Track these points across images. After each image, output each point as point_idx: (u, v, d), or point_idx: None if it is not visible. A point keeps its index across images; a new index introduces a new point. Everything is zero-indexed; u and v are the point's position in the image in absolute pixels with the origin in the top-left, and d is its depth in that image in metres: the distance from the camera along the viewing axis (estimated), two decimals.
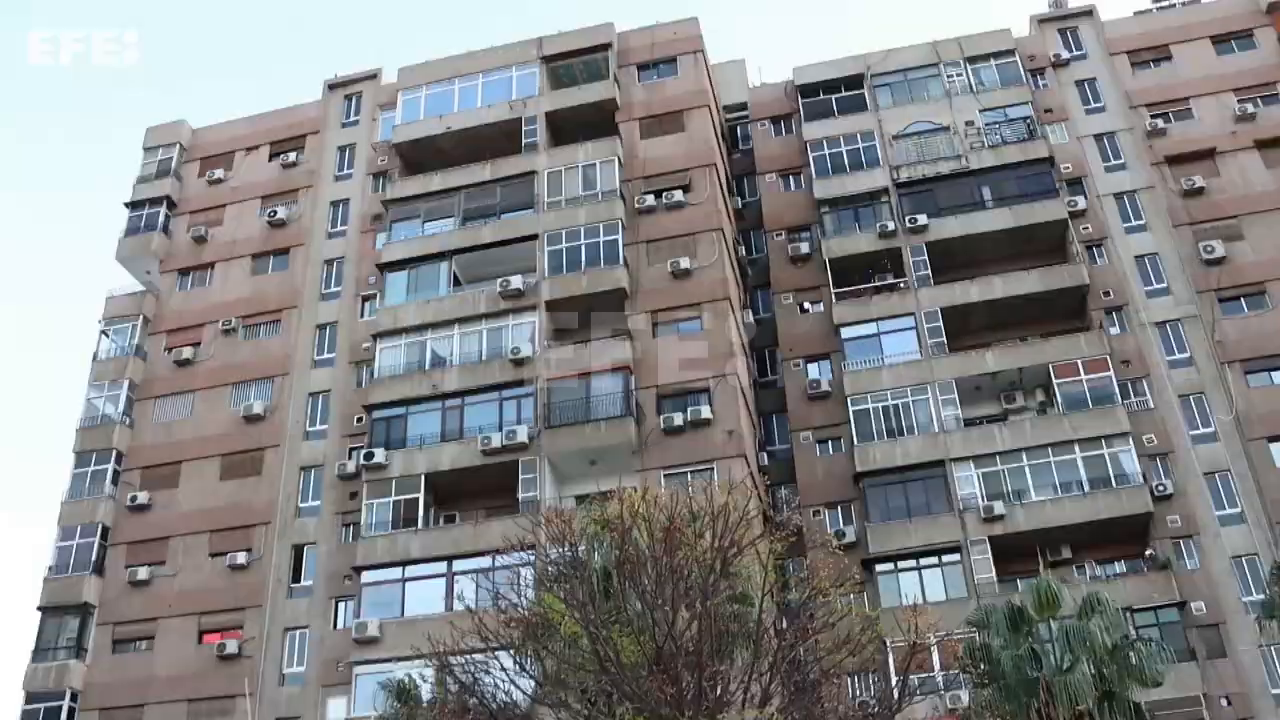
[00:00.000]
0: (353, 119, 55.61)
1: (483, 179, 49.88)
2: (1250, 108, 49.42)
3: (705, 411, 42.60)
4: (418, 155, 52.02)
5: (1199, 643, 39.58)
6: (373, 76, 56.54)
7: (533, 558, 29.40)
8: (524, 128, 50.97)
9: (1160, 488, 41.94)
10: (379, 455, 43.64)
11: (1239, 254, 46.27)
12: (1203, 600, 40.26)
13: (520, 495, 41.77)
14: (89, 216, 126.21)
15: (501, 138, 50.93)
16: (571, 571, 26.53)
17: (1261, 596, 35.69)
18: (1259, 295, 45.53)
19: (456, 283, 48.00)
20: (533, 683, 26.18)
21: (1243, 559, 40.95)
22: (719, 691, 24.20)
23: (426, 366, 45.83)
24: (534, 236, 47.60)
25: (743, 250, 51.60)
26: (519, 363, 44.47)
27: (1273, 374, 44.10)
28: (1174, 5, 55.15)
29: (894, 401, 45.02)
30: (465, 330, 46.33)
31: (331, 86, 56.80)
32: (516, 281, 45.99)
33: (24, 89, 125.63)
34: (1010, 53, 52.78)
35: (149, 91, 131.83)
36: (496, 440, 42.84)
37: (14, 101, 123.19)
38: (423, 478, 43.42)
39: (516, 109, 51.52)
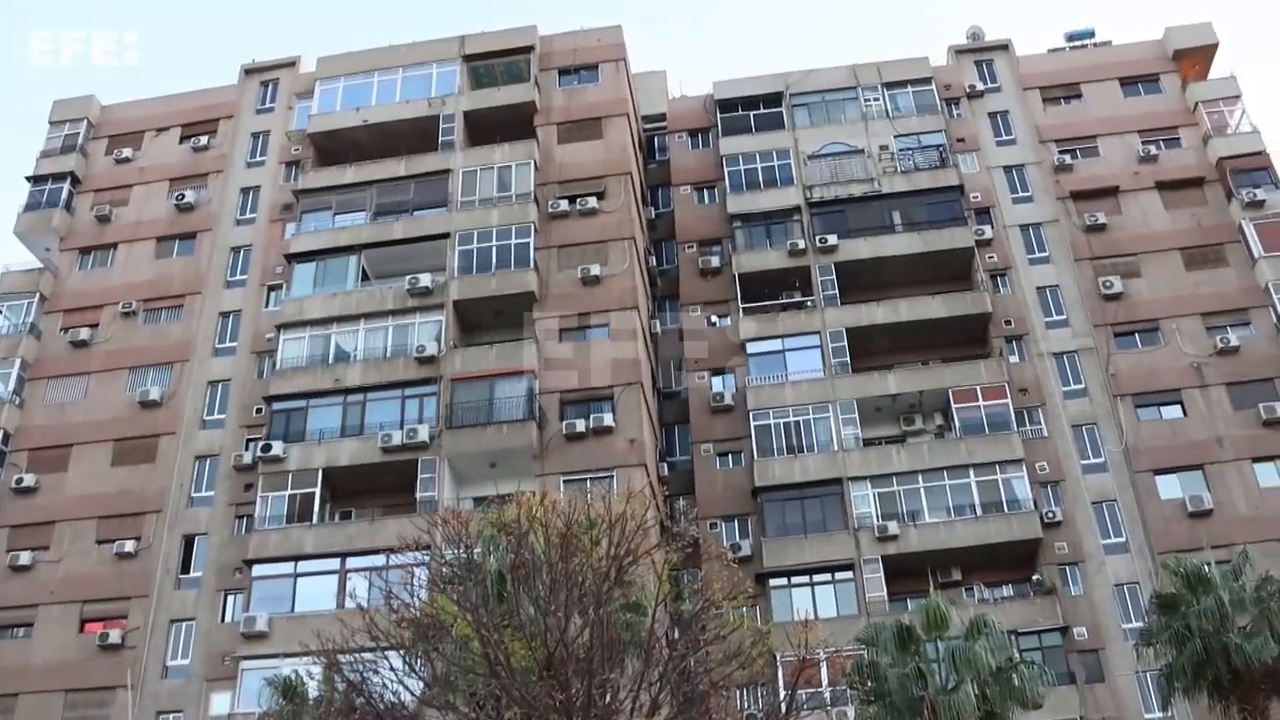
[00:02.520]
0: (268, 106, 54.92)
1: (397, 175, 49.57)
2: (1153, 149, 50.82)
3: (608, 419, 42.72)
4: (332, 147, 51.52)
5: (1079, 667, 40.54)
6: (291, 64, 55.87)
7: (428, 558, 29.20)
8: (441, 125, 50.78)
9: (1050, 514, 42.90)
10: (277, 448, 43.10)
11: (1136, 291, 47.55)
12: (1085, 626, 41.24)
13: (418, 494, 41.58)
14: None
15: (418, 134, 50.64)
16: (466, 574, 26.39)
17: (1140, 624, 36.73)
18: (1153, 331, 46.81)
19: (365, 277, 47.62)
20: (421, 684, 25.99)
21: (1125, 587, 42.02)
22: (608, 699, 24.23)
23: (330, 360, 45.43)
24: (445, 235, 47.44)
25: (653, 260, 51.82)
26: (424, 361, 44.24)
27: (1162, 409, 45.34)
28: (1086, 46, 56.55)
29: (795, 418, 45.49)
30: (371, 326, 45.99)
31: (248, 72, 56.03)
32: (425, 279, 45.74)
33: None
34: (927, 81, 53.73)
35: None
36: (397, 438, 42.55)
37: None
38: (320, 472, 42.96)
39: (435, 106, 51.28)
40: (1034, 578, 42.53)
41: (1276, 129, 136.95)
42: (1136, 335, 46.99)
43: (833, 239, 48.88)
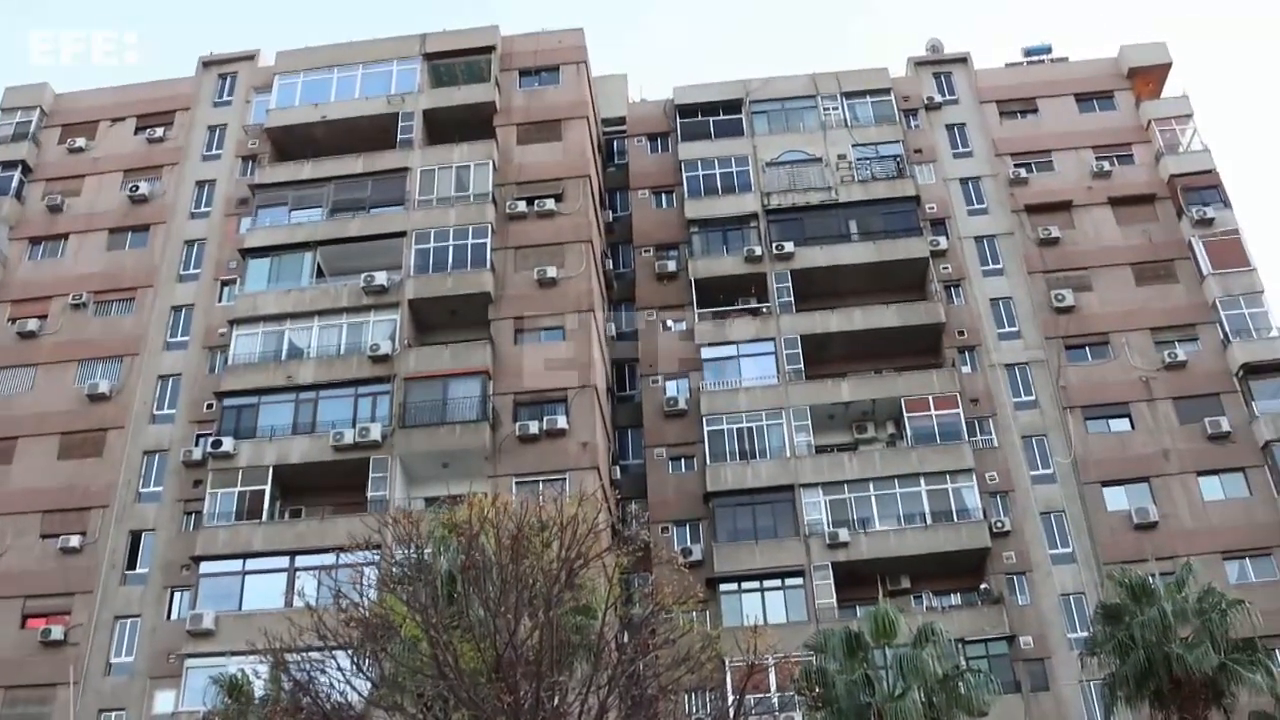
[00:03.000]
0: (225, 99, 54.45)
1: (354, 171, 49.31)
2: (1107, 165, 51.44)
3: (561, 421, 42.69)
4: (290, 142, 51.22)
5: (1025, 675, 40.91)
6: (250, 58, 55.45)
7: (378, 557, 29.09)
8: (400, 123, 50.61)
9: (999, 524, 43.29)
10: (227, 444, 42.73)
11: (1087, 304, 48.09)
12: (1031, 635, 41.64)
13: (370, 494, 41.34)
14: None
15: (377, 132, 50.42)
16: (416, 574, 26.33)
17: (1085, 634, 37.16)
18: (1103, 345, 47.36)
19: (320, 274, 47.32)
20: (369, 684, 25.89)
21: (1071, 597, 42.46)
22: (556, 702, 24.23)
23: (283, 357, 45.07)
24: (402, 234, 47.25)
25: (610, 264, 51.85)
26: (378, 360, 44.03)
27: (1110, 421, 45.88)
28: (1043, 61, 57.17)
29: (749, 424, 45.66)
30: (325, 323, 45.71)
31: (206, 64, 55.53)
32: (381, 278, 45.53)
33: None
34: (886, 91, 54.11)
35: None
36: (349, 436, 42.33)
37: None
38: (270, 469, 42.63)
39: (394, 104, 51.11)
40: (982, 587, 42.90)
41: (1227, 149, 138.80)
42: (1087, 348, 47.54)
43: (789, 246, 49.11)
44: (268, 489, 42.28)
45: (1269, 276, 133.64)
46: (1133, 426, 45.58)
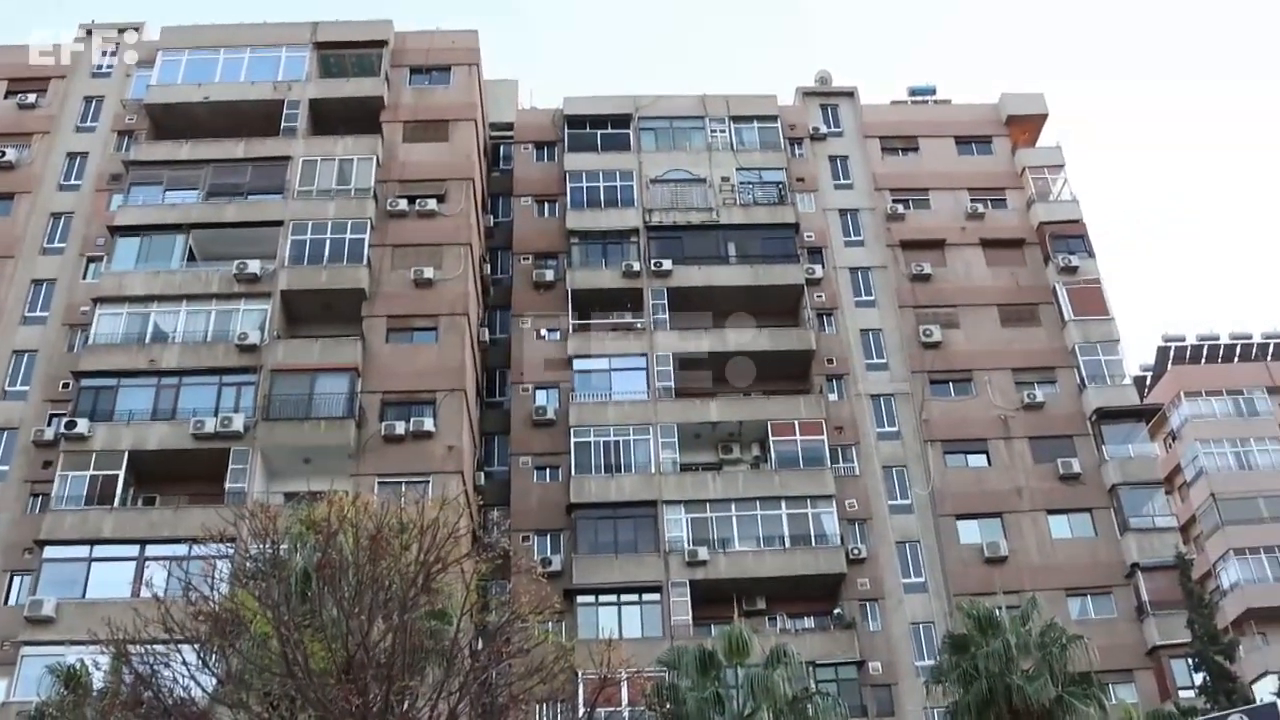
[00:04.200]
0: (105, 70, 52.86)
1: (235, 156, 48.42)
2: (981, 208, 52.89)
3: (429, 423, 42.39)
4: (169, 120, 50.04)
5: (872, 700, 41.80)
6: (134, 30, 53.72)
7: (232, 551, 28.49)
8: (285, 111, 49.82)
9: (855, 551, 44.12)
10: (81, 425, 41.46)
11: (953, 341, 49.32)
12: (880, 661, 42.53)
13: (228, 485, 40.50)
14: None
15: (261, 118, 49.55)
16: (270, 570, 25.81)
17: (932, 662, 37.90)
18: (966, 382, 48.61)
19: (191, 258, 46.30)
20: (214, 680, 25.33)
21: (920, 626, 43.53)
22: (406, 706, 23.97)
23: (147, 340, 43.96)
24: (279, 223, 46.49)
25: (488, 269, 51.63)
26: (245, 349, 43.22)
27: (968, 456, 47.19)
28: (927, 102, 58.55)
29: (616, 438, 45.84)
30: (193, 308, 44.69)
31: (87, 31, 53.77)
32: (254, 266, 44.73)
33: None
34: (773, 118, 54.85)
35: None
36: (211, 425, 41.43)
37: None
38: (126, 454, 41.50)
39: (280, 91, 50.30)
40: (835, 611, 43.65)
41: (1094, 201, 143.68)
42: (950, 384, 48.77)
43: (667, 264, 49.46)
44: (121, 474, 41.12)
45: (1124, 326, 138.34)
46: (989, 463, 46.91)
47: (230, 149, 48.55)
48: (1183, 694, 41.54)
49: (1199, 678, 40.63)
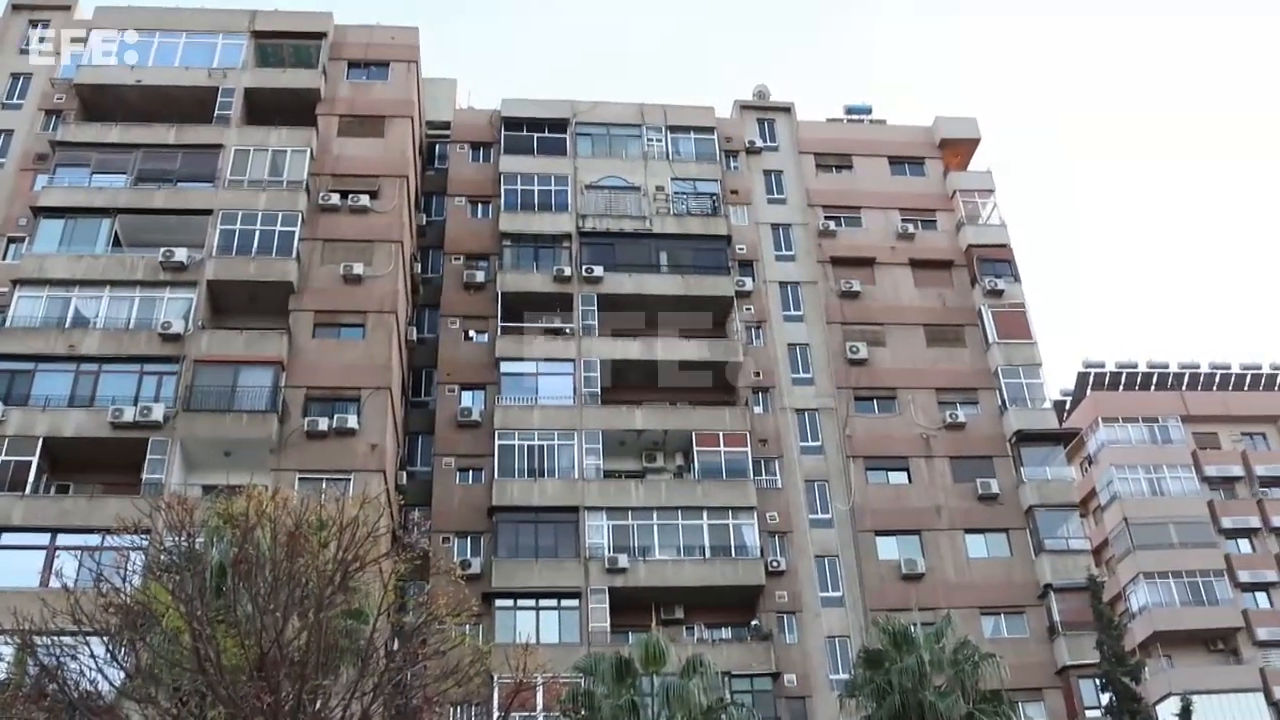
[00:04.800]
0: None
1: (166, 141, 47.66)
2: (911, 228, 53.56)
3: (353, 421, 41.97)
4: (100, 101, 49.20)
5: (786, 713, 42.10)
6: (65, 8, 52.86)
7: (146, 543, 28.05)
8: (219, 99, 49.14)
9: (775, 563, 44.42)
10: None
11: (879, 359, 49.84)
12: (795, 674, 42.84)
13: (145, 476, 39.68)
14: None
15: (194, 104, 48.88)
16: (185, 563, 25.46)
17: (847, 676, 38.28)
18: (890, 400, 49.15)
19: (117, 243, 45.44)
20: (122, 674, 24.92)
21: (836, 639, 43.97)
22: (318, 706, 23.76)
23: (67, 325, 43.04)
24: (208, 212, 45.78)
25: (418, 267, 51.29)
26: (168, 338, 42.52)
27: (889, 474, 47.74)
28: (862, 121, 59.22)
29: (540, 442, 45.77)
30: (116, 295, 43.86)
31: (15, 7, 52.75)
32: (181, 254, 44.05)
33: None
34: (710, 130, 55.12)
35: None
36: (130, 414, 40.66)
37: None
38: (40, 440, 40.47)
39: (215, 78, 49.66)
40: (753, 623, 43.89)
41: (1021, 227, 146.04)
42: (875, 401, 49.28)
43: (599, 270, 49.50)
44: (35, 460, 40.11)
45: (1046, 350, 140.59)
46: (910, 480, 47.46)
47: (161, 134, 47.80)
48: (1090, 714, 42.45)
49: (1105, 698, 41.36)
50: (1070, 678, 43.73)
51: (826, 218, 53.73)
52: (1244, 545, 68.14)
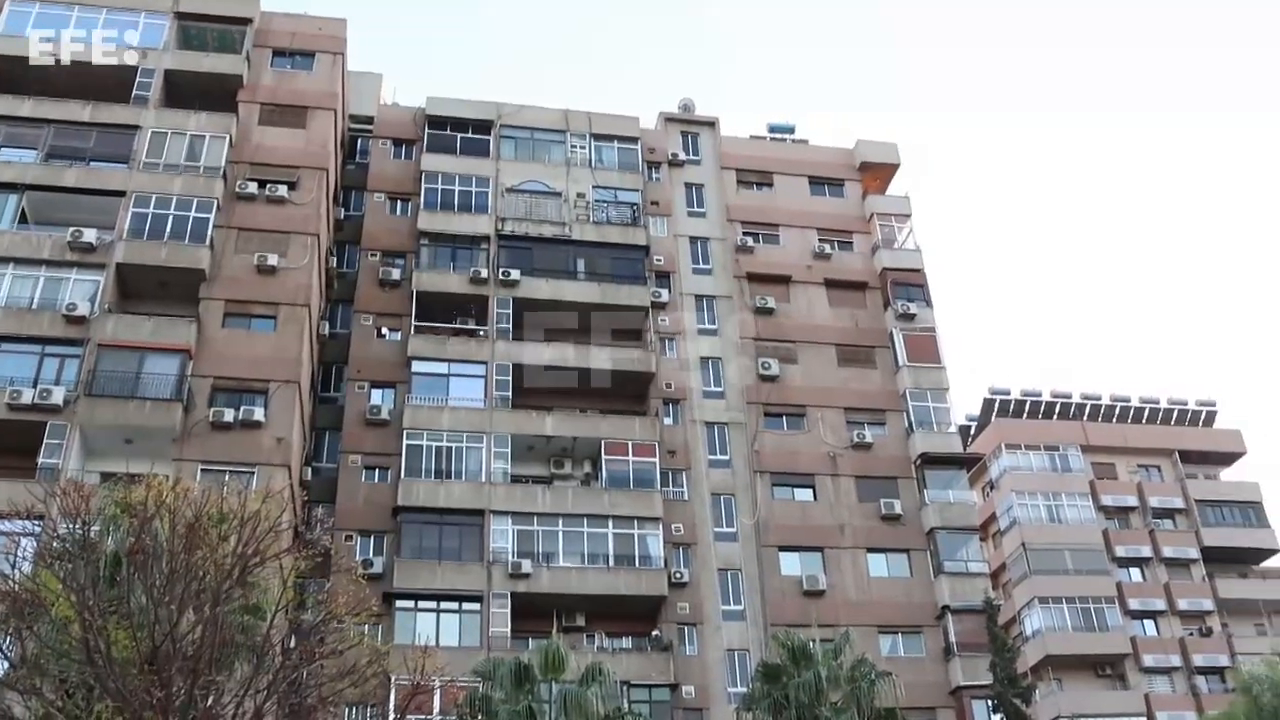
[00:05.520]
0: None
1: (80, 119, 46.47)
2: (828, 249, 54.10)
3: (259, 413, 41.36)
4: (12, 73, 47.72)
5: None
6: None
7: (38, 529, 27.43)
8: (139, 79, 48.00)
9: (678, 575, 44.58)
10: None
11: (790, 376, 50.28)
12: (694, 685, 43.01)
13: (41, 460, 38.68)
14: None
15: (112, 82, 47.70)
16: (78, 551, 24.93)
17: (745, 690, 38.51)
18: (799, 417, 49.59)
19: (24, 220, 44.36)
20: (6, 664, 24.34)
21: (736, 653, 44.24)
22: (210, 702, 23.40)
23: None
24: (121, 193, 44.74)
25: (334, 262, 50.69)
26: (72, 320, 41.54)
27: (795, 490, 48.17)
28: (785, 140, 59.74)
29: (449, 444, 45.50)
30: (20, 273, 42.73)
31: None
32: (90, 235, 43.06)
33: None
34: (634, 140, 55.20)
35: None
36: (28, 396, 39.63)
37: None
38: None
39: (135, 57, 48.59)
40: (654, 633, 44.01)
41: (935, 252, 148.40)
42: (784, 418, 49.69)
43: (515, 274, 49.35)
44: None
45: (954, 375, 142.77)
46: (815, 498, 47.94)
47: (76, 111, 46.72)
48: None
49: (997, 719, 42.06)
50: (963, 698, 44.44)
51: (745, 234, 54.11)
52: (1135, 574, 70.05)
